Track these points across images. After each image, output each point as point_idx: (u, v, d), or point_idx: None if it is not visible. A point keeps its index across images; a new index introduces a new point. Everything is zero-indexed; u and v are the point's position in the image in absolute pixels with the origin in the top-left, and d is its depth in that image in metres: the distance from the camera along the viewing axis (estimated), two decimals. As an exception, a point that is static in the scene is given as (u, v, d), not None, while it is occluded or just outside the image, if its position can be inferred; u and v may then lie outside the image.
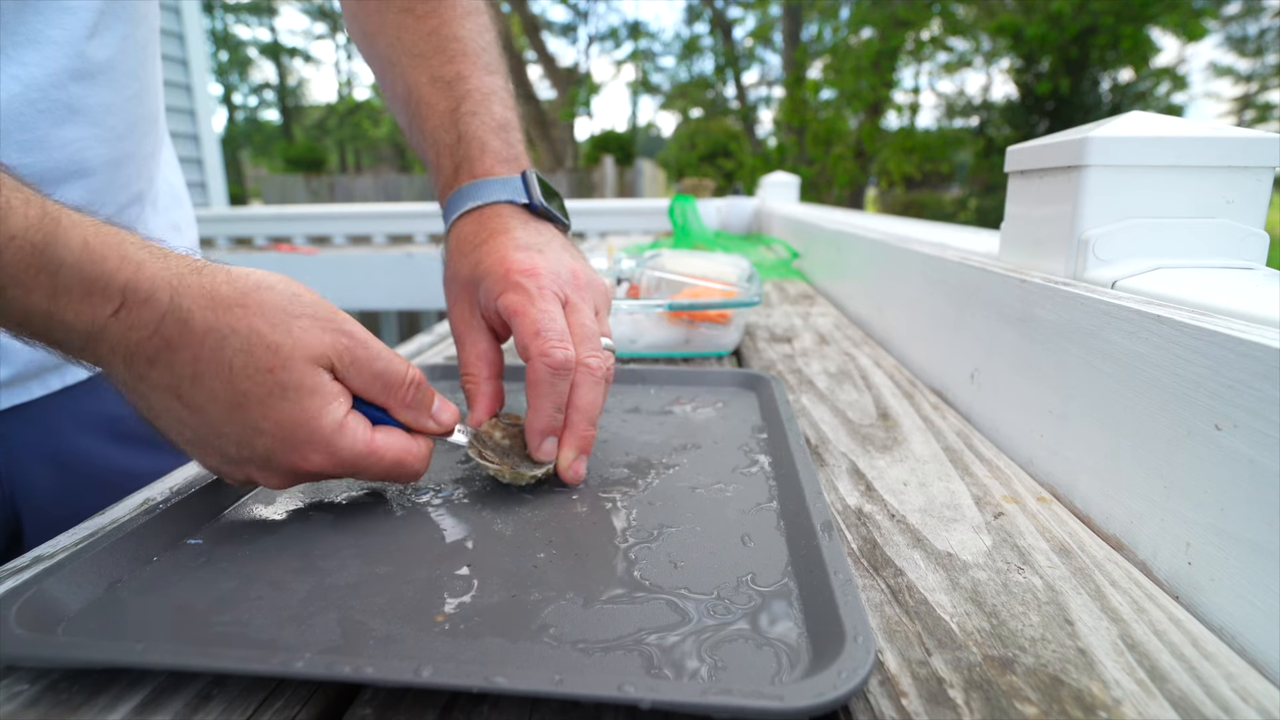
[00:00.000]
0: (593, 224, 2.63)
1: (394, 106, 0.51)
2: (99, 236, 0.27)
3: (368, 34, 0.51)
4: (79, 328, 0.27)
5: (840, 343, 0.74)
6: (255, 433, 0.30)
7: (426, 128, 0.46)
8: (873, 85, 9.96)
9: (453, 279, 0.42)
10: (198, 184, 3.44)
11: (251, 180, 14.75)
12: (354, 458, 0.31)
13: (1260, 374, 0.27)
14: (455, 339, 0.41)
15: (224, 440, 0.30)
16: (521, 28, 12.93)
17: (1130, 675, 0.24)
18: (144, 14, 0.49)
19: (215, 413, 0.29)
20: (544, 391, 0.36)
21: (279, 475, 0.32)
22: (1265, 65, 10.34)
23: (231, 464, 0.31)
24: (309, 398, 0.30)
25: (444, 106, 0.46)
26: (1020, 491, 0.38)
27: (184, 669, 0.23)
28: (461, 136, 0.45)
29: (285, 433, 0.30)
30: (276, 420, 0.30)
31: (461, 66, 0.47)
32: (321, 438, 0.30)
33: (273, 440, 0.30)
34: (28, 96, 0.41)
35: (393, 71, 0.49)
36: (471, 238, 0.42)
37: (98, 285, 0.27)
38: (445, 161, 0.45)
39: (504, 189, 0.44)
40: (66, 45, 0.43)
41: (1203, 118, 2.73)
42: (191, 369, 0.28)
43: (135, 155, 0.50)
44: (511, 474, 0.37)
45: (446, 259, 0.44)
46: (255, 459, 0.31)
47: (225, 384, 0.29)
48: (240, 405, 0.29)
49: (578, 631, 0.25)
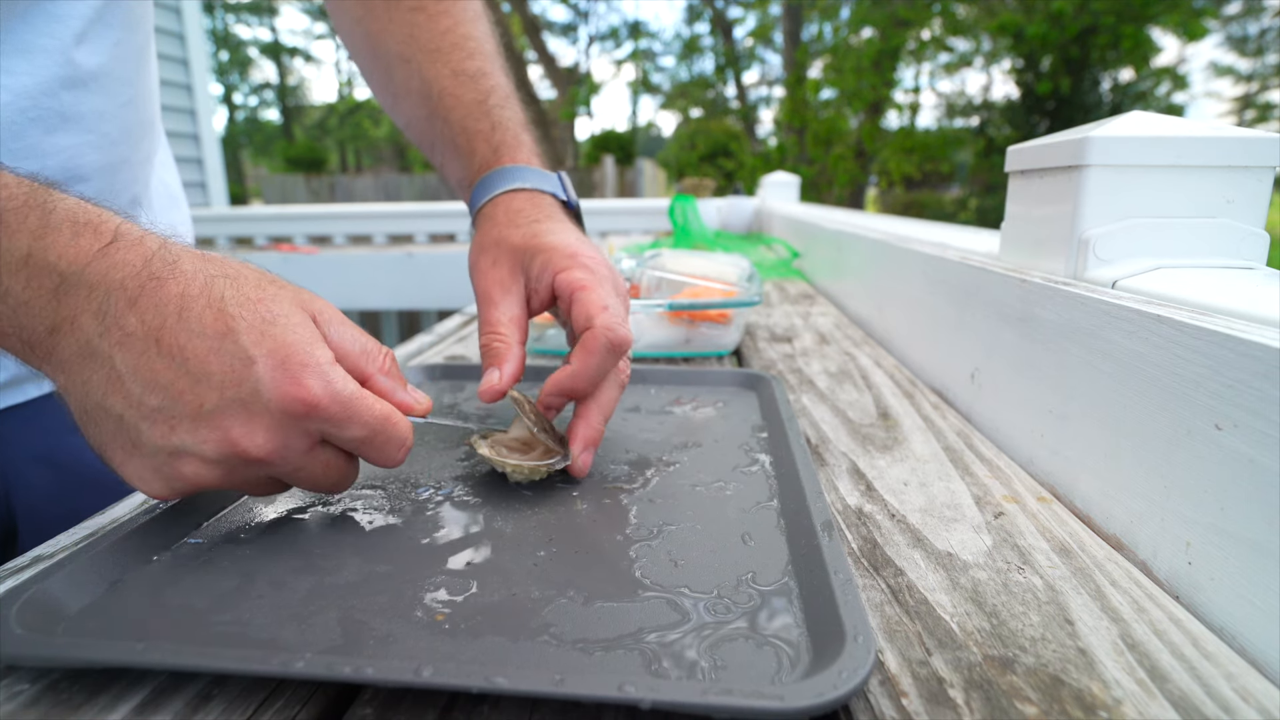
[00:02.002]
0: (593, 224, 2.63)
1: (404, 103, 0.51)
2: (88, 202, 0.29)
3: (372, 34, 0.52)
4: (60, 267, 0.26)
5: (840, 342, 0.74)
6: (246, 362, 0.27)
7: (453, 117, 0.48)
8: (873, 85, 9.95)
9: (499, 241, 0.42)
10: (198, 184, 3.44)
11: (252, 180, 14.76)
12: (349, 395, 0.29)
13: (1260, 374, 0.27)
14: (483, 298, 0.41)
15: (204, 386, 0.27)
16: (521, 28, 12.93)
17: (1130, 675, 0.24)
18: (138, 19, 0.49)
19: (200, 348, 0.27)
20: (595, 362, 0.37)
21: (265, 420, 0.28)
22: (1265, 65, 10.34)
23: (206, 420, 0.27)
24: (300, 328, 0.29)
25: (471, 98, 0.48)
26: (1020, 491, 0.38)
27: (184, 669, 0.23)
28: (496, 125, 0.47)
29: (280, 357, 0.28)
30: (270, 347, 0.28)
31: (482, 63, 0.49)
32: (317, 363, 0.29)
33: (266, 367, 0.27)
34: (18, 105, 0.41)
35: (406, 68, 0.50)
36: (528, 211, 0.43)
37: (90, 225, 0.27)
38: (481, 145, 0.47)
39: (547, 182, 0.46)
40: (56, 53, 0.43)
41: (1203, 117, 2.73)
42: (178, 303, 0.27)
43: (131, 160, 0.50)
44: (530, 469, 0.37)
45: (487, 222, 0.44)
46: (241, 399, 0.27)
47: (215, 313, 0.27)
48: (231, 333, 0.27)
49: (578, 630, 0.25)
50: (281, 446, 0.29)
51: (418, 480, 0.39)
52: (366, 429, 0.30)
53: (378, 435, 0.31)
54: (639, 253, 0.83)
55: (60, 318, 0.27)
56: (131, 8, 0.48)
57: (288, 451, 0.29)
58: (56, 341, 0.27)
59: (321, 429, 0.29)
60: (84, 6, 0.44)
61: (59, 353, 0.27)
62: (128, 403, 0.27)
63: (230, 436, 0.28)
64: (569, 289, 0.39)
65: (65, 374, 0.28)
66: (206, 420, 0.27)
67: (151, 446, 0.28)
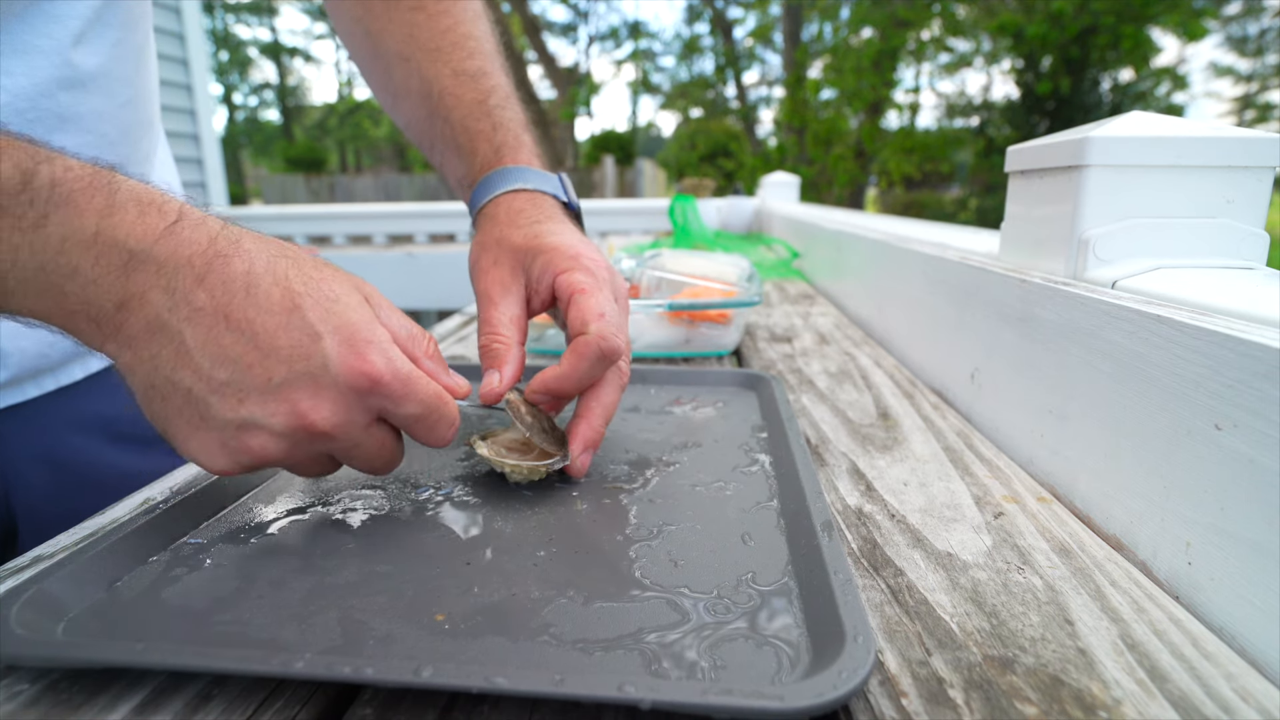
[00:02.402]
0: (593, 224, 2.63)
1: (403, 102, 0.51)
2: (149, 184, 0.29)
3: (372, 33, 0.52)
4: (129, 244, 0.27)
5: (840, 342, 0.74)
6: (314, 337, 0.28)
7: (454, 116, 0.48)
8: (873, 85, 9.96)
9: (500, 241, 0.42)
10: (198, 184, 3.44)
11: (252, 180, 14.76)
12: (409, 372, 0.31)
13: (1260, 374, 0.27)
14: (483, 297, 0.41)
15: (273, 360, 0.28)
16: (521, 28, 12.93)
17: (1130, 675, 0.24)
18: (137, 19, 0.49)
19: (269, 323, 0.28)
20: (584, 368, 0.37)
21: (332, 394, 0.29)
22: (1265, 65, 10.35)
23: (275, 394, 0.28)
24: (360, 309, 0.30)
25: (471, 97, 0.48)
26: (1020, 491, 0.38)
27: (184, 669, 0.23)
28: (497, 125, 0.47)
29: (346, 334, 0.29)
30: (336, 324, 0.29)
31: (482, 63, 0.49)
32: (380, 341, 0.30)
33: (333, 343, 0.29)
34: (16, 107, 0.41)
35: (405, 67, 0.50)
36: (529, 212, 0.44)
37: (155, 204, 0.28)
38: (482, 145, 0.47)
39: (548, 183, 0.46)
40: (54, 54, 0.42)
41: (1203, 118, 2.73)
42: (245, 280, 0.28)
43: (130, 160, 0.50)
44: (529, 469, 0.37)
45: (488, 222, 0.44)
46: (310, 373, 0.28)
47: (282, 290, 0.29)
48: (298, 309, 0.28)
49: (578, 630, 0.25)
50: (345, 421, 0.30)
51: (418, 480, 0.39)
52: (422, 406, 0.31)
53: (431, 413, 0.32)
54: (639, 253, 0.83)
55: (129, 293, 0.27)
56: (130, 8, 0.48)
57: (350, 426, 0.30)
58: (125, 317, 0.27)
59: (381, 405, 0.30)
60: (82, 7, 0.43)
61: (127, 328, 0.28)
62: (197, 376, 0.28)
63: (299, 409, 0.28)
64: (568, 291, 0.39)
65: (132, 349, 0.28)
66: (275, 393, 0.28)
67: (220, 420, 0.28)
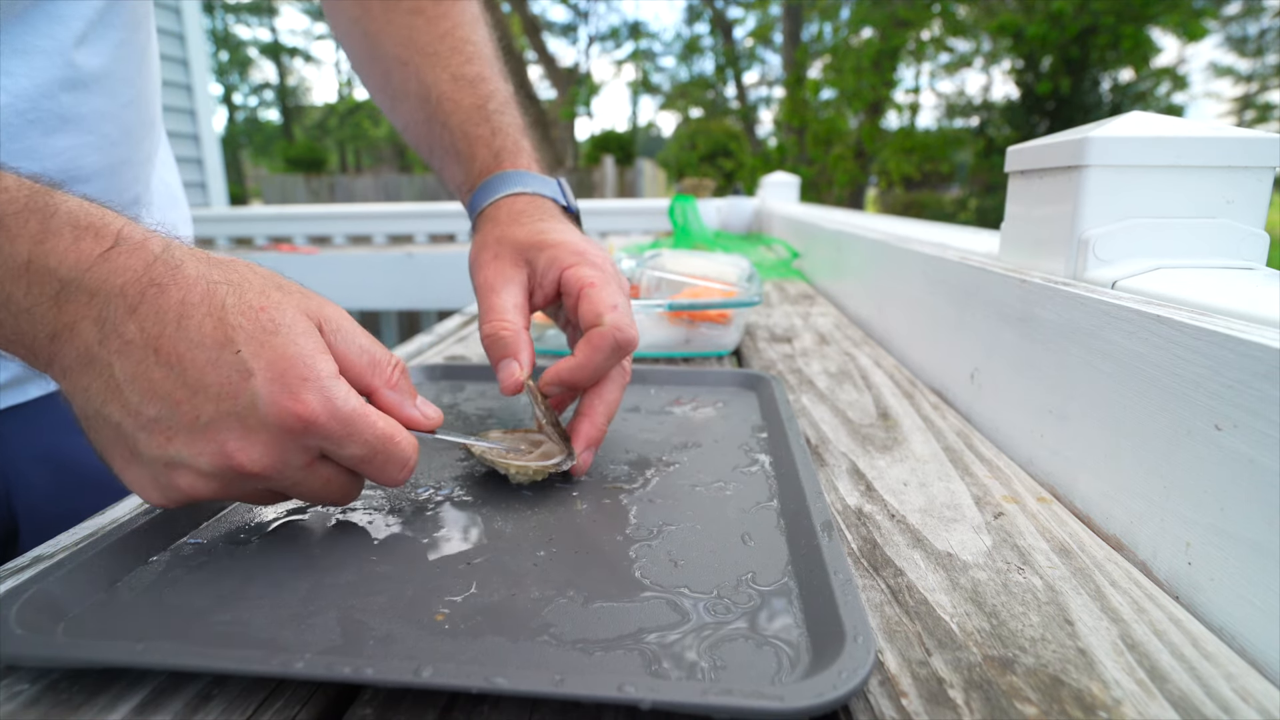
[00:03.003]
0: (593, 224, 2.63)
1: (402, 105, 0.51)
2: (92, 203, 0.28)
3: (370, 34, 0.52)
4: (61, 272, 0.26)
5: (840, 343, 0.74)
6: (244, 374, 0.27)
7: (452, 121, 0.48)
8: (873, 85, 9.96)
9: (501, 238, 0.42)
10: (198, 184, 3.44)
11: (252, 180, 14.76)
12: (349, 411, 0.28)
13: (1260, 374, 0.27)
14: (485, 288, 0.41)
15: (202, 398, 0.27)
16: (521, 28, 12.93)
17: (1130, 675, 0.24)
18: (140, 20, 0.49)
19: (199, 359, 0.26)
20: (600, 359, 0.38)
21: (262, 435, 0.27)
22: (1265, 65, 10.34)
23: (202, 433, 0.27)
24: (303, 338, 0.28)
25: (470, 102, 0.48)
26: (1020, 491, 0.38)
27: (184, 669, 0.23)
28: (496, 130, 0.48)
29: (279, 370, 0.27)
30: (270, 358, 0.27)
31: (481, 68, 0.50)
32: (318, 378, 0.28)
33: (264, 380, 0.27)
34: (17, 107, 0.41)
35: (404, 70, 0.50)
36: (529, 211, 0.44)
37: (91, 229, 0.27)
38: (481, 150, 0.47)
39: (548, 186, 0.47)
40: (55, 55, 0.42)
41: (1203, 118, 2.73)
42: (179, 310, 0.27)
43: (132, 160, 0.50)
44: (534, 470, 0.37)
45: (489, 223, 0.44)
46: (237, 413, 0.27)
47: (215, 322, 0.27)
48: (229, 343, 0.27)
49: (578, 630, 0.25)
50: (278, 462, 0.28)
51: (418, 480, 0.39)
52: (366, 448, 0.29)
53: (378, 455, 0.30)
54: (639, 253, 0.83)
55: (61, 324, 0.26)
56: (133, 9, 0.48)
57: (285, 467, 0.28)
58: (58, 348, 0.27)
59: (320, 445, 0.29)
60: (85, 7, 0.43)
61: (60, 359, 0.27)
62: (125, 411, 0.27)
63: (226, 450, 0.27)
64: (577, 285, 0.39)
65: (67, 380, 0.27)
66: (203, 433, 0.27)
67: (148, 456, 0.27)
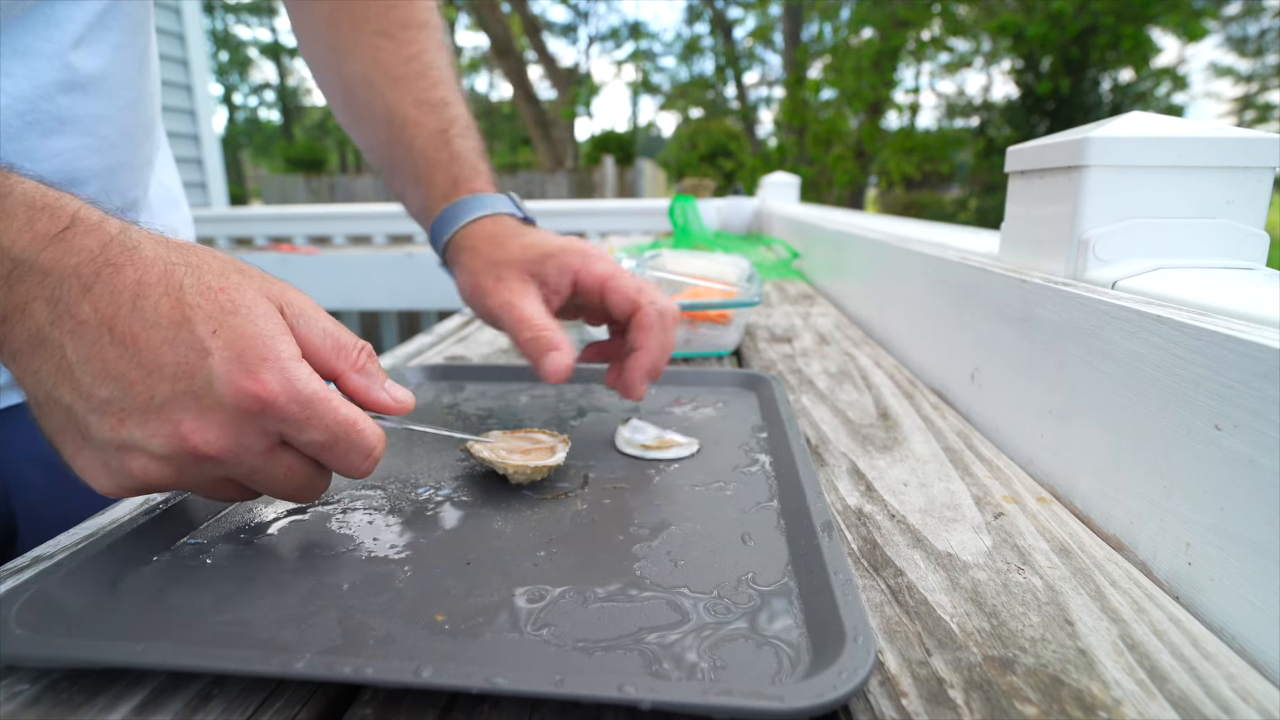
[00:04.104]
0: (593, 224, 2.63)
1: (365, 125, 0.52)
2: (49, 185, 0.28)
3: (337, 52, 0.53)
4: (14, 252, 0.25)
5: (840, 343, 0.74)
6: (201, 353, 0.26)
7: (415, 146, 0.49)
8: (873, 85, 9.96)
9: (495, 263, 0.44)
10: (198, 184, 3.44)
11: (252, 180, 14.76)
12: (310, 394, 0.27)
13: (1260, 374, 0.27)
14: (504, 308, 0.42)
15: (156, 377, 0.26)
16: (521, 28, 12.93)
17: (1130, 675, 0.24)
18: (139, 23, 0.49)
19: (154, 338, 0.26)
20: (655, 335, 0.41)
21: (219, 416, 0.26)
22: (1265, 65, 10.35)
23: (156, 414, 0.26)
24: (264, 319, 0.27)
25: (433, 127, 0.50)
26: (1020, 491, 0.38)
27: (184, 669, 0.23)
28: (455, 156, 0.49)
29: (238, 349, 0.26)
30: (228, 338, 0.26)
31: (445, 93, 0.51)
32: (278, 358, 0.27)
33: (222, 360, 0.26)
34: (15, 109, 0.41)
35: (369, 91, 0.51)
36: (503, 232, 0.46)
37: (47, 209, 0.26)
38: (440, 176, 0.49)
39: (504, 204, 0.48)
40: (54, 57, 0.42)
41: (1203, 118, 2.73)
42: (134, 290, 0.26)
43: (130, 163, 0.50)
44: (532, 470, 0.37)
45: (470, 253, 0.46)
46: (193, 392, 0.26)
47: (172, 302, 0.26)
48: (186, 322, 0.26)
49: (578, 630, 0.25)
50: (235, 445, 0.27)
51: (418, 480, 0.39)
52: (327, 433, 0.28)
53: (339, 441, 0.28)
54: (639, 253, 0.83)
55: (12, 305, 0.26)
56: (132, 12, 0.47)
57: (242, 451, 0.27)
58: (9, 330, 0.26)
59: (280, 429, 0.28)
60: (83, 10, 0.43)
61: (11, 341, 0.26)
62: (77, 393, 0.26)
63: (180, 431, 0.26)
64: (597, 282, 0.42)
65: (17, 363, 0.26)
66: (157, 413, 0.26)
67: (100, 439, 0.26)
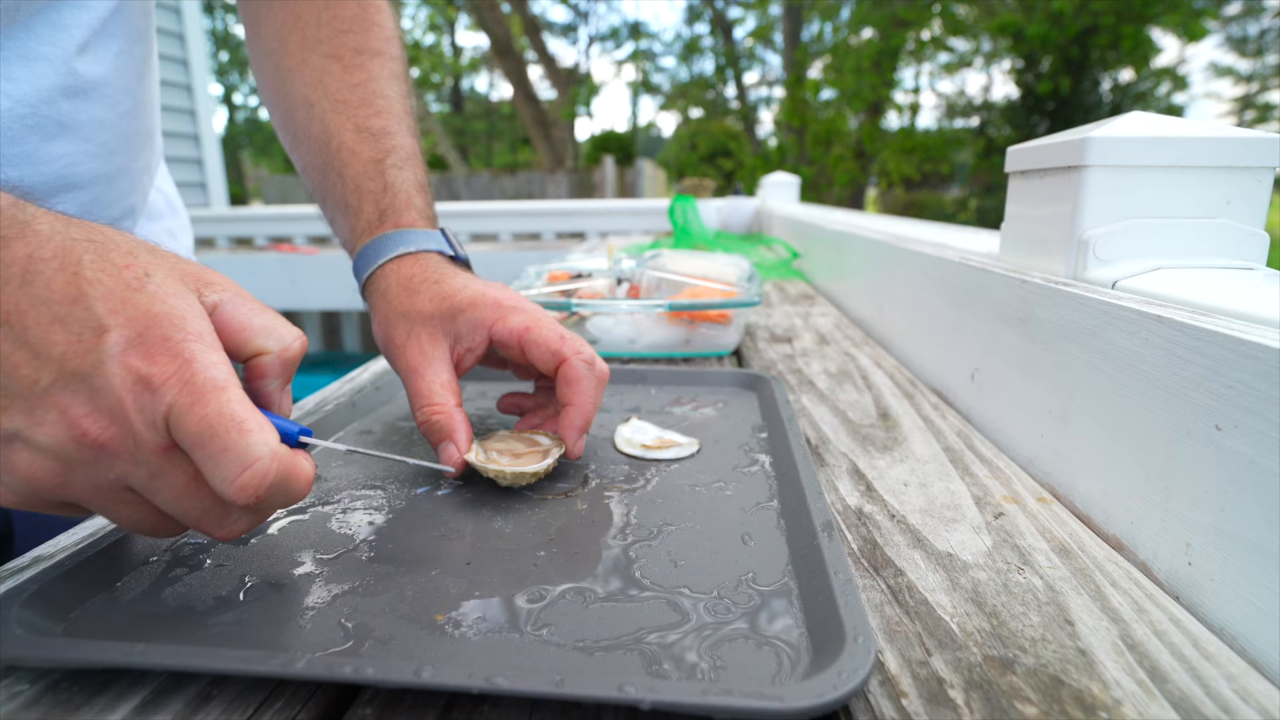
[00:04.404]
0: (593, 224, 2.63)
1: (302, 145, 0.50)
2: None
3: (283, 69, 0.51)
4: None
5: (840, 343, 0.74)
6: (97, 331, 0.23)
7: (348, 173, 0.47)
8: (873, 85, 9.96)
9: (406, 314, 0.41)
10: (198, 184, 3.45)
11: (252, 180, 14.75)
12: (208, 382, 0.24)
13: (1260, 374, 0.27)
14: (409, 371, 0.40)
15: (43, 359, 0.23)
16: (521, 28, 12.93)
17: (1130, 675, 0.24)
18: (142, 32, 0.49)
19: (44, 316, 0.23)
20: (585, 387, 0.39)
21: (109, 400, 0.23)
22: (1265, 65, 10.34)
23: (41, 400, 0.23)
24: (175, 298, 0.25)
25: (369, 155, 0.47)
26: (1020, 492, 0.38)
27: (184, 669, 0.23)
28: (388, 186, 0.46)
29: (139, 328, 0.24)
30: (130, 314, 0.24)
31: (387, 122, 0.49)
32: (184, 339, 0.24)
33: (119, 338, 0.24)
34: (17, 112, 0.41)
35: (309, 112, 0.49)
36: (419, 275, 0.43)
37: None
38: (368, 207, 0.46)
39: (431, 240, 0.45)
40: (58, 62, 0.42)
41: (1203, 118, 2.73)
42: (24, 266, 0.24)
43: (128, 170, 0.50)
44: (513, 475, 0.37)
45: (383, 297, 0.43)
46: (83, 374, 0.23)
47: (69, 277, 0.24)
48: (83, 298, 0.24)
49: (578, 630, 0.25)
50: (126, 433, 0.24)
51: (418, 480, 0.39)
52: (201, 424, 0.24)
53: (213, 438, 0.24)
54: (639, 253, 0.83)
55: None
56: (134, 20, 0.48)
57: (136, 443, 0.24)
58: None
59: (168, 420, 0.24)
60: (87, 16, 0.44)
61: None
62: None
63: (68, 416, 0.23)
64: (515, 336, 0.39)
65: None
66: (42, 399, 0.23)
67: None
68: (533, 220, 2.68)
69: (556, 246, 2.40)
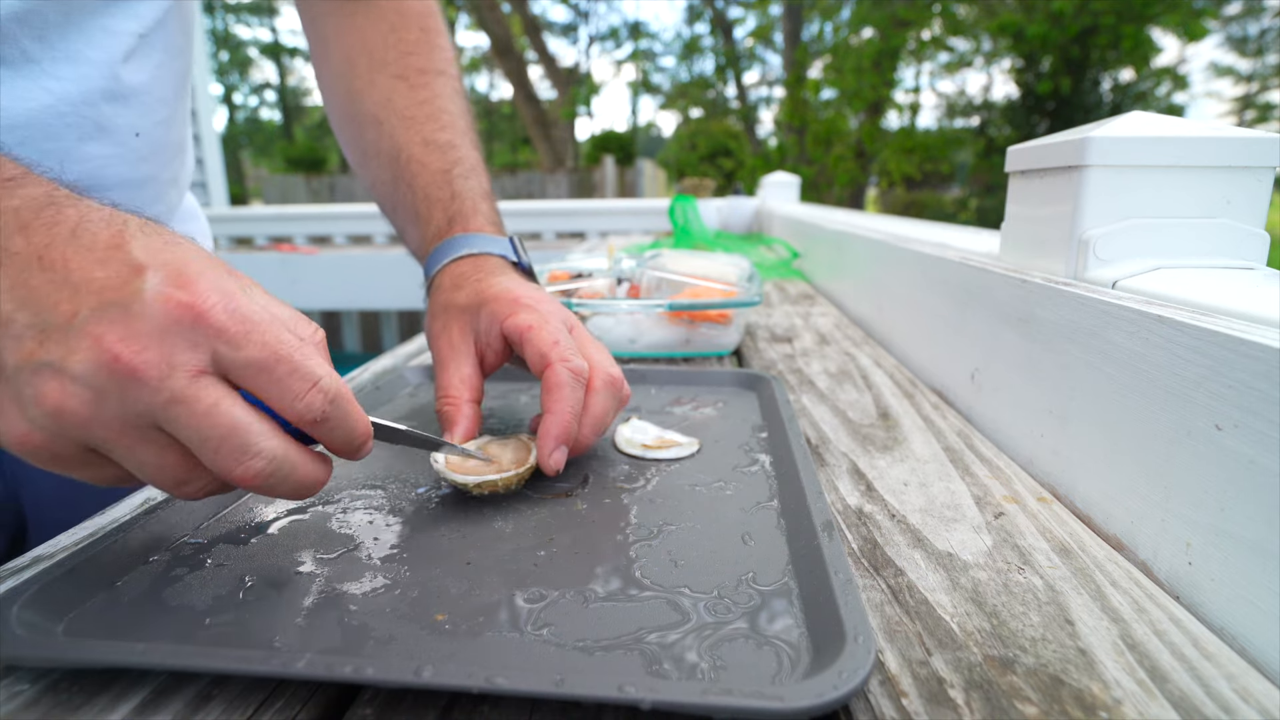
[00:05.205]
0: (593, 224, 2.63)
1: (372, 162, 0.53)
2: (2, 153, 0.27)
3: (354, 91, 0.53)
4: None
5: (840, 343, 0.74)
6: (135, 269, 0.24)
7: (418, 183, 0.49)
8: (873, 85, 9.96)
9: (446, 306, 0.43)
10: (198, 184, 3.44)
11: (252, 180, 14.75)
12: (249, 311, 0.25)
13: (1260, 374, 0.27)
14: (437, 363, 0.42)
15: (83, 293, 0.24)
16: (522, 28, 12.93)
17: (1130, 675, 0.24)
18: (181, 47, 0.50)
19: (86, 260, 0.24)
20: (565, 395, 0.37)
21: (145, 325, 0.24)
22: (1266, 65, 10.35)
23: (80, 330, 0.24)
24: (211, 267, 0.25)
25: (437, 166, 0.50)
26: (1020, 491, 0.38)
27: (184, 669, 0.23)
28: (455, 194, 0.49)
29: (175, 269, 0.25)
30: (167, 258, 0.25)
31: (453, 135, 0.51)
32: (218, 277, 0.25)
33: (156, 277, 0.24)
34: (58, 110, 0.42)
35: (379, 129, 0.52)
36: (470, 273, 0.44)
37: None
38: (438, 214, 0.48)
39: (497, 245, 0.47)
40: (104, 66, 0.43)
41: (1203, 118, 2.73)
42: (75, 224, 0.25)
43: (156, 179, 0.51)
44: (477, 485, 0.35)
45: (436, 291, 0.45)
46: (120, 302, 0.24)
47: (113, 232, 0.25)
48: (123, 245, 0.25)
49: (578, 630, 0.25)
50: (163, 360, 0.24)
51: (417, 480, 0.39)
52: (265, 350, 0.25)
53: (281, 361, 0.25)
54: (639, 253, 0.83)
55: None
56: (175, 35, 0.49)
57: (171, 369, 0.24)
58: None
59: (214, 346, 0.25)
60: (136, 24, 0.45)
61: None
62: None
63: (104, 343, 0.23)
64: (518, 333, 0.39)
65: None
66: (80, 329, 0.24)
67: (14, 367, 0.24)
68: (533, 220, 2.68)
69: (556, 246, 2.40)
